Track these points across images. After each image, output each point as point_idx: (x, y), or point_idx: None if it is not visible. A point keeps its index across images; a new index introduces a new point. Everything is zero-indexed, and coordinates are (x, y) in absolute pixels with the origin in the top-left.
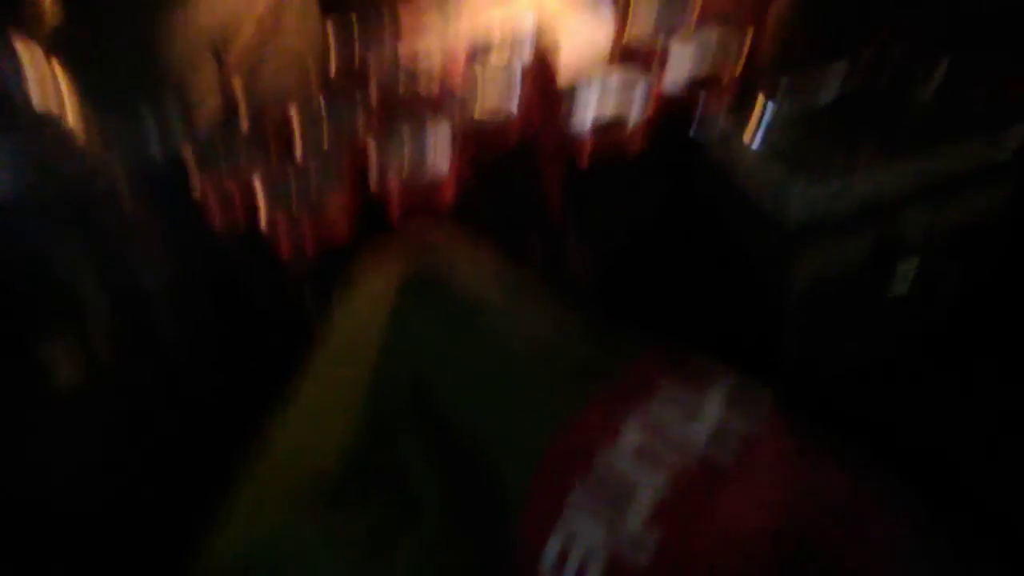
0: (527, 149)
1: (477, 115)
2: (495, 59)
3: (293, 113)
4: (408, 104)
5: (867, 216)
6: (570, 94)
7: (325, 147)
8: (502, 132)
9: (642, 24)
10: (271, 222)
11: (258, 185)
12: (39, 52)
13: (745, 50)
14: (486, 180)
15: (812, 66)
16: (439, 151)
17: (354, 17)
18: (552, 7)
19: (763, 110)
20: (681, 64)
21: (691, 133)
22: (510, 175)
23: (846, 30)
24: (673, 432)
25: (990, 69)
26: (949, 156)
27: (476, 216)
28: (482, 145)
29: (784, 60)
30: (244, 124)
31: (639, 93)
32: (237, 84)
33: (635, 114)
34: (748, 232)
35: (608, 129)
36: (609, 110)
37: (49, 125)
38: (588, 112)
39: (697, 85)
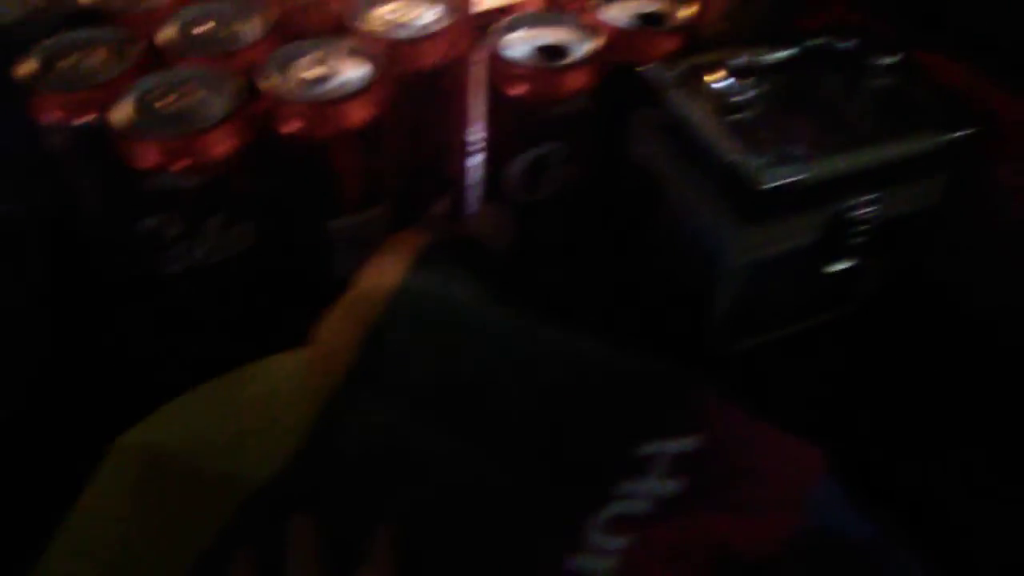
0: (452, 73)
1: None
2: None
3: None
4: (311, 13)
5: (816, 199)
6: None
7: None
8: (421, 50)
9: None
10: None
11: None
12: None
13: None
14: (405, 104)
15: (764, 46)
16: (347, 66)
17: None
18: None
19: (717, 79)
20: None
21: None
22: (428, 101)
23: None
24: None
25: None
26: (895, 146)
27: (389, 141)
28: (400, 63)
29: (736, 36)
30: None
31: (578, 22)
32: None
33: (575, 47)
34: (693, 204)
35: (544, 62)
36: (545, 39)
37: None
38: (520, 39)
39: (645, 21)
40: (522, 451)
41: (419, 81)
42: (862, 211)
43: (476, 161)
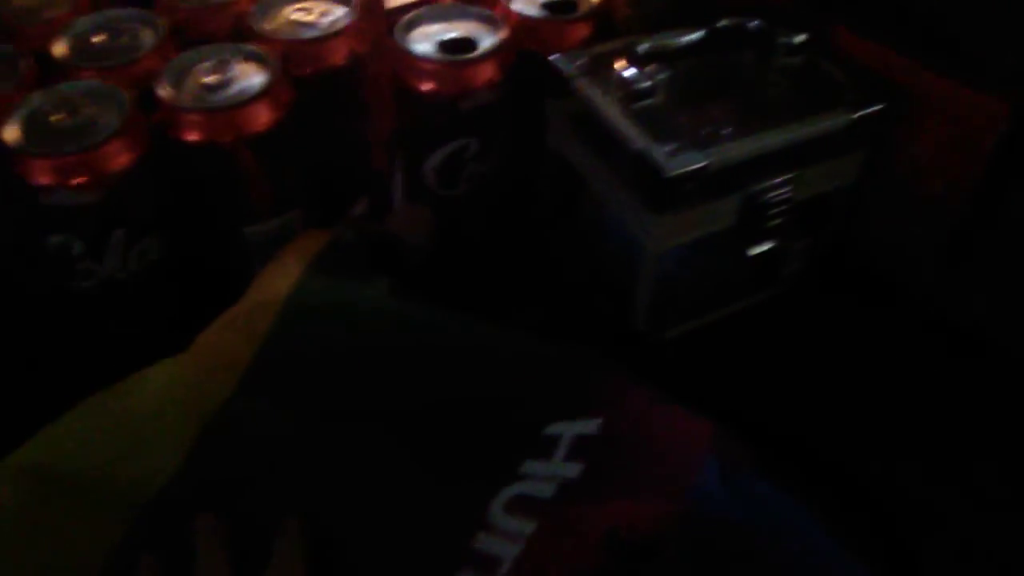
0: (356, 73)
1: (294, 30)
2: None
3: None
4: (210, 18)
5: (728, 183)
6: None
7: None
8: (325, 50)
9: None
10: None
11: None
12: None
13: None
14: (313, 105)
15: (671, 30)
16: (246, 70)
17: None
18: None
19: (624, 67)
20: None
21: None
22: (338, 101)
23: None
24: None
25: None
26: (807, 125)
27: (297, 143)
28: (304, 63)
29: (643, 21)
30: None
31: (484, 14)
32: None
33: (484, 40)
34: (608, 192)
35: (450, 56)
36: (450, 32)
37: None
38: (426, 33)
39: (554, 10)
40: (426, 436)
41: (326, 81)
42: (777, 193)
43: (392, 160)
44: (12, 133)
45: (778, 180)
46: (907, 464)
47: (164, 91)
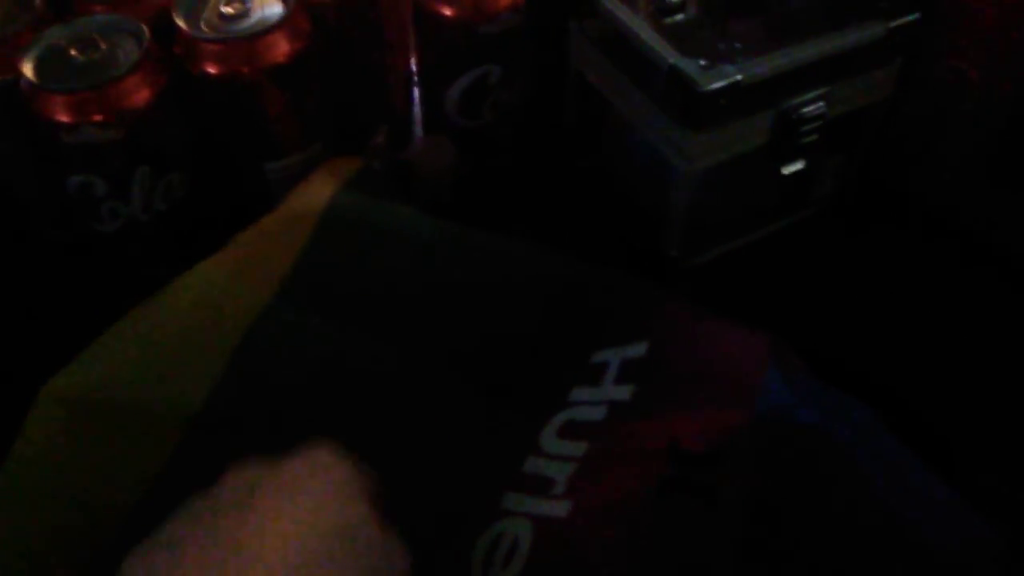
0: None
1: None
2: None
3: None
4: None
5: (761, 99)
6: None
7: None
8: None
9: None
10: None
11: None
12: None
13: None
14: (334, 35)
15: None
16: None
17: None
18: None
19: None
20: None
21: None
22: (357, 31)
23: None
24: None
25: None
26: (841, 37)
27: (319, 75)
28: None
29: None
30: None
31: None
32: None
33: None
34: (637, 114)
35: None
36: None
37: None
38: None
39: None
40: (472, 361)
41: (345, 10)
42: (811, 108)
43: (415, 90)
44: (29, 70)
45: (811, 95)
46: (948, 387)
47: (182, 22)
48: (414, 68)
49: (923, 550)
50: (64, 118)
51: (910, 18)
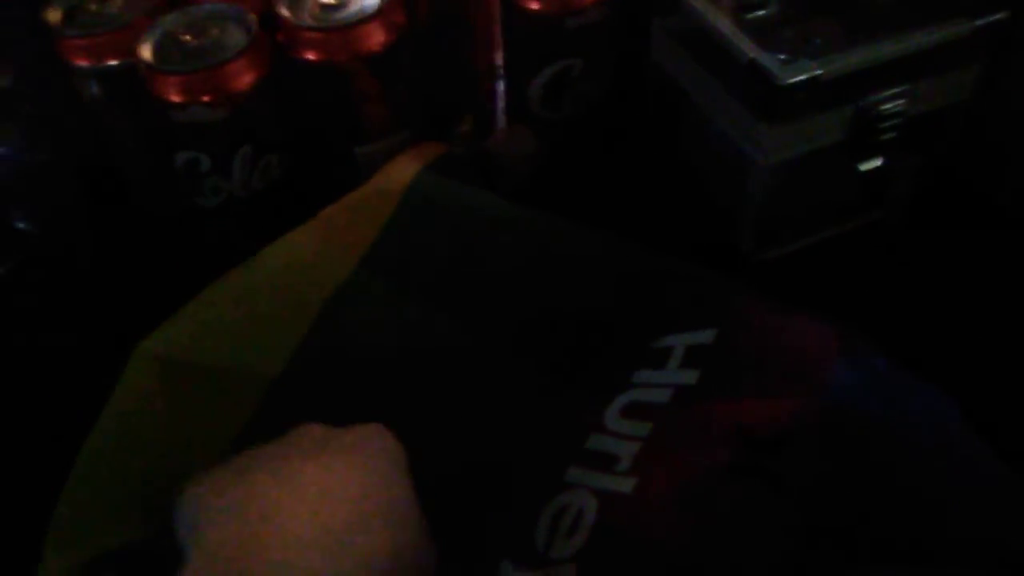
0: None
1: None
2: None
3: None
4: None
5: (841, 94)
6: None
7: None
8: None
9: None
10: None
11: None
12: None
13: None
14: (426, 26)
15: None
16: None
17: None
18: None
19: None
20: None
21: None
22: (451, 20)
23: None
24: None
25: None
26: (923, 34)
27: (410, 64)
28: None
29: None
30: None
31: None
32: None
33: None
34: (716, 107)
35: None
36: None
37: None
38: None
39: None
40: (541, 340)
41: (439, 3)
42: (891, 105)
43: (500, 82)
44: (147, 52)
45: (891, 92)
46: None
47: (285, 11)
48: (500, 60)
49: (985, 544)
50: (176, 98)
51: (997, 17)
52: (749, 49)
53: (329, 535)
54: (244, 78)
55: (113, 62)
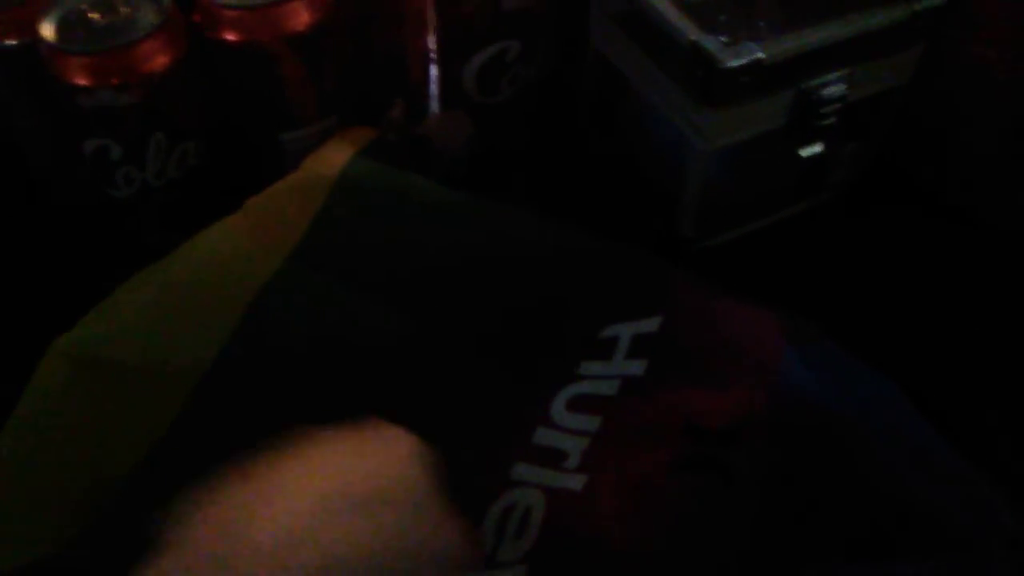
0: None
1: None
2: None
3: None
4: None
5: (781, 78)
6: None
7: None
8: None
9: None
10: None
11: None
12: None
13: None
14: (352, 5)
15: None
16: None
17: None
18: None
19: None
20: None
21: None
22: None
23: None
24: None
25: None
26: (861, 19)
27: (337, 46)
28: None
29: None
30: None
31: None
32: None
33: None
34: (656, 92)
35: None
36: None
37: None
38: None
39: None
40: (480, 329)
41: None
42: (831, 89)
43: (433, 65)
44: (48, 31)
45: (832, 76)
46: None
47: None
48: (433, 43)
49: (934, 524)
50: (82, 81)
51: (936, 2)
52: (690, 31)
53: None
54: (157, 60)
55: (11, 42)
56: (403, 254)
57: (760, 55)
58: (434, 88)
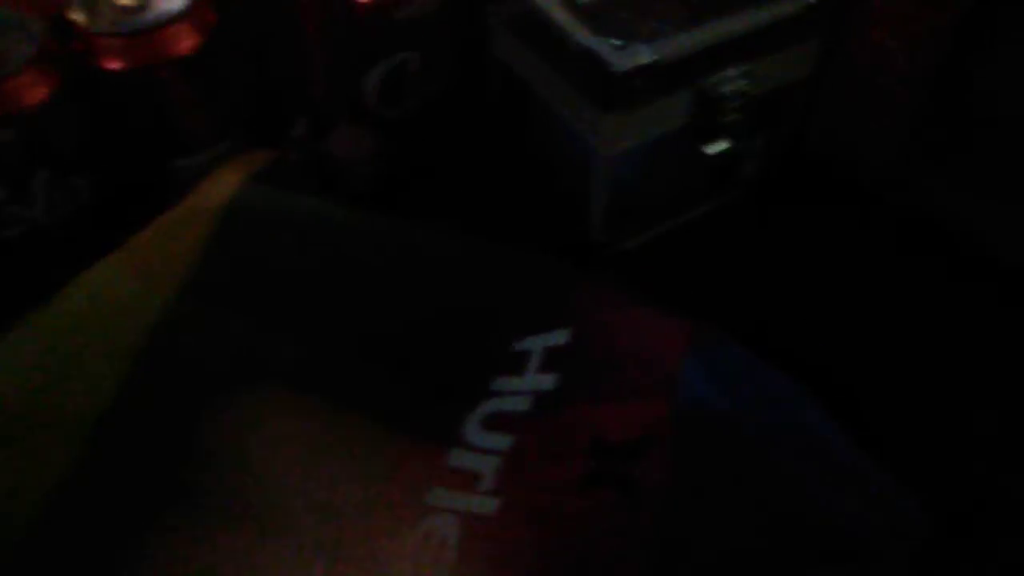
0: None
1: None
2: None
3: None
4: None
5: (679, 77)
6: None
7: None
8: None
9: None
10: None
11: None
12: None
13: None
14: (243, 24)
15: None
16: None
17: None
18: None
19: None
20: None
21: None
22: (268, 20)
23: None
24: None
25: None
26: (755, 15)
27: (227, 66)
28: None
29: None
30: None
31: None
32: None
33: None
34: (556, 97)
35: None
36: None
37: None
38: None
39: None
40: (390, 351)
41: None
42: (731, 86)
43: (333, 80)
44: None
45: (731, 73)
46: (877, 365)
47: (79, 16)
48: (331, 58)
49: (838, 533)
50: None
51: None
52: (582, 36)
53: None
54: (33, 93)
55: None
56: (300, 278)
57: (654, 57)
58: (336, 103)
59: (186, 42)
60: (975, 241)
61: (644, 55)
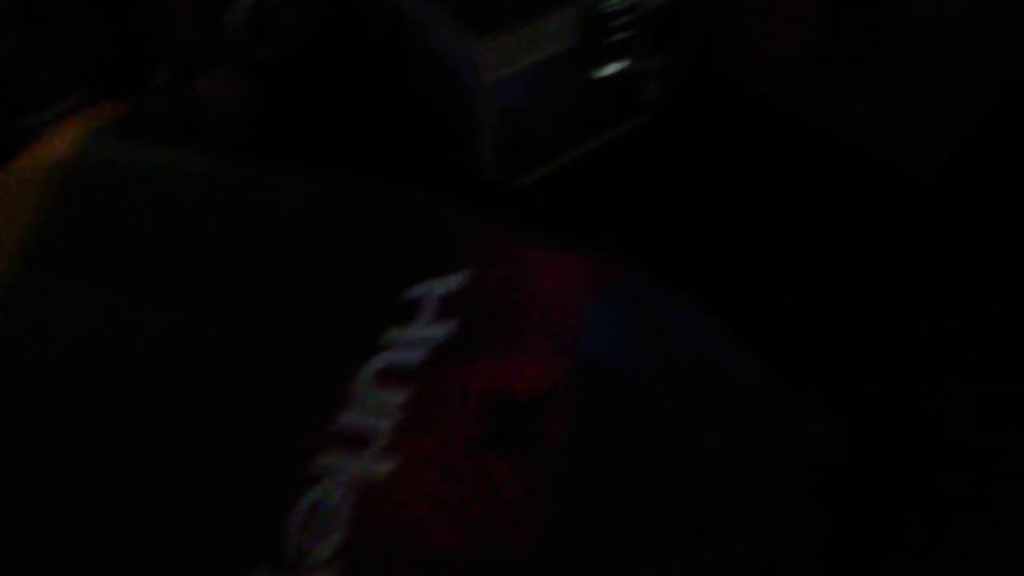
0: None
1: None
2: None
3: None
4: None
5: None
6: None
7: None
8: None
9: None
10: None
11: None
12: None
13: None
14: None
15: None
16: None
17: None
18: None
19: None
20: None
21: None
22: None
23: None
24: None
25: None
26: None
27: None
28: None
29: None
30: None
31: None
32: None
33: None
34: (435, 26)
35: None
36: None
37: None
38: None
39: None
40: (267, 308)
41: None
42: (616, 3)
43: (196, 19)
44: None
45: None
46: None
47: None
48: None
49: (735, 476)
50: None
51: None
52: None
53: None
54: None
55: None
56: (162, 241)
57: None
58: (200, 44)
59: None
60: (879, 153)
61: None
